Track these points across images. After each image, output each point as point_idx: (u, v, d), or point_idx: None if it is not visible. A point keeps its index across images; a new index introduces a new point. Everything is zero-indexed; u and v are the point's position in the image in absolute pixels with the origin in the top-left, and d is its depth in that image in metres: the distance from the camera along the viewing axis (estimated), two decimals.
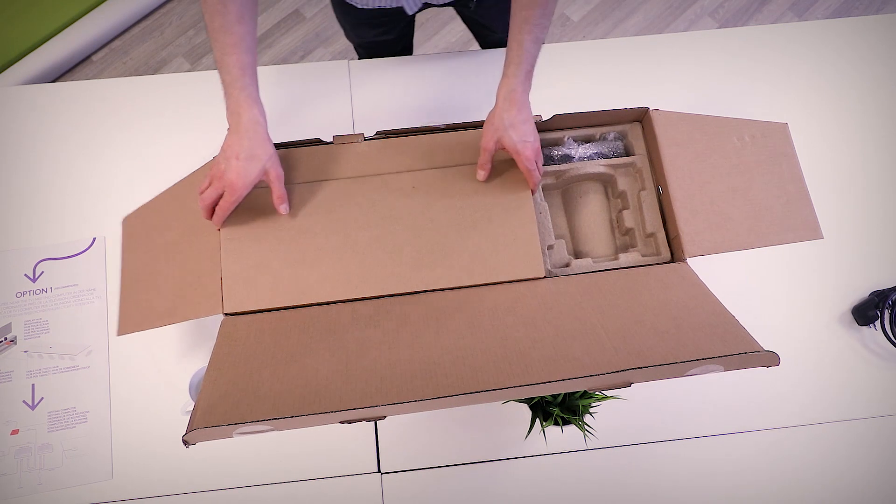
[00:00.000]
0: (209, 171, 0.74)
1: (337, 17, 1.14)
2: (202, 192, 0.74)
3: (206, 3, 0.69)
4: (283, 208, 0.76)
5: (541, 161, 0.79)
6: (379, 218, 0.78)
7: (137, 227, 0.86)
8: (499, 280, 0.76)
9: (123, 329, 0.80)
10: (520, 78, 0.74)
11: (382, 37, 1.13)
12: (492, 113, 0.77)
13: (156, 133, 1.02)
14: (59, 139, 1.01)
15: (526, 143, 0.75)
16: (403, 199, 0.79)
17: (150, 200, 0.86)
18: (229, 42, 0.69)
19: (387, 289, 0.75)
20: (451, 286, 0.76)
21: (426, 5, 1.00)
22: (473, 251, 0.77)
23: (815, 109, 1.06)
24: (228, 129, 0.72)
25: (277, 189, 0.75)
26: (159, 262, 0.80)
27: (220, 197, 0.73)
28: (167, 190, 0.85)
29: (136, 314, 0.79)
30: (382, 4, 0.94)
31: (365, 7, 0.96)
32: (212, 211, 0.75)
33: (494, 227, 0.78)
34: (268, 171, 0.73)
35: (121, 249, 0.85)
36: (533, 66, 0.75)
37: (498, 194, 0.80)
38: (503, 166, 0.81)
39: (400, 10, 0.99)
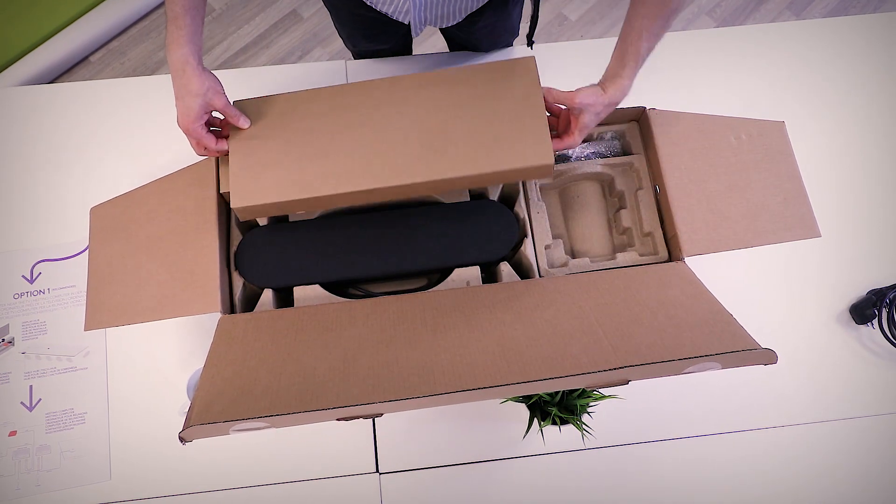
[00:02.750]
0: None
1: (333, 23, 1.14)
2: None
3: None
4: (241, 122, 0.76)
5: (581, 135, 0.78)
6: (384, 114, 0.77)
7: (111, 218, 0.82)
8: (507, 168, 0.74)
9: (91, 324, 0.76)
10: (631, 80, 0.76)
11: (378, 46, 1.12)
12: (598, 91, 0.76)
13: (154, 133, 1.02)
14: (56, 140, 1.01)
15: (588, 128, 0.76)
16: (411, 93, 0.78)
17: (129, 192, 0.83)
18: None
19: (392, 179, 0.74)
20: (458, 175, 0.74)
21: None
22: (480, 139, 0.75)
23: (812, 108, 1.06)
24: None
25: (229, 112, 0.75)
26: (139, 257, 0.78)
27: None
28: (151, 183, 0.83)
29: (109, 309, 0.77)
30: (387, 11, 0.94)
31: (374, 6, 0.95)
32: (212, 152, 0.77)
33: (502, 116, 0.76)
34: (211, 103, 0.73)
35: (89, 240, 0.81)
36: (639, 68, 0.77)
37: (506, 87, 0.78)
38: (509, 66, 0.79)
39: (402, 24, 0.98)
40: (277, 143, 0.76)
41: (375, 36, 1.07)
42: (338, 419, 0.57)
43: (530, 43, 1.00)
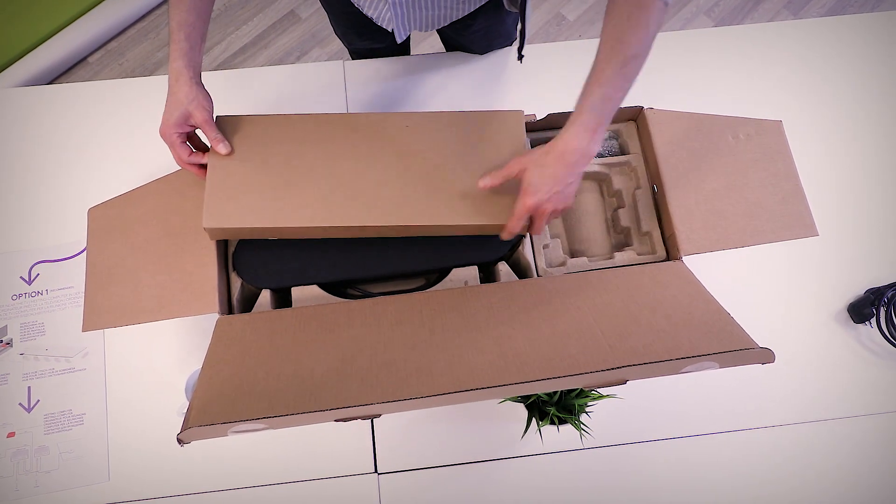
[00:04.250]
0: None
1: (329, 21, 1.14)
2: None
3: None
4: (221, 147, 0.75)
5: (542, 221, 0.72)
6: (370, 150, 0.78)
7: (109, 219, 0.83)
8: (485, 222, 0.75)
9: (89, 325, 0.76)
10: (576, 128, 0.67)
11: (373, 45, 1.12)
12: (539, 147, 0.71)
13: (153, 134, 1.00)
14: (54, 141, 1.01)
15: (539, 191, 0.68)
16: (397, 135, 0.79)
17: (127, 193, 0.84)
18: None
19: (368, 219, 0.74)
20: (434, 224, 0.75)
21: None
22: (463, 189, 0.75)
23: (809, 107, 1.06)
24: None
25: (208, 132, 0.74)
26: (137, 258, 0.79)
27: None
28: (149, 184, 0.83)
29: (107, 310, 0.77)
30: (372, 16, 0.94)
31: (360, 8, 0.96)
32: (197, 170, 0.77)
33: (483, 168, 0.75)
34: (191, 114, 0.73)
35: (87, 241, 0.81)
36: (600, 121, 0.66)
37: (492, 139, 0.78)
38: (499, 117, 0.78)
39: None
40: (255, 167, 0.76)
41: (368, 35, 1.07)
42: (336, 420, 0.57)
43: (520, 57, 0.99)
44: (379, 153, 0.77)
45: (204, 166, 0.77)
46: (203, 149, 0.78)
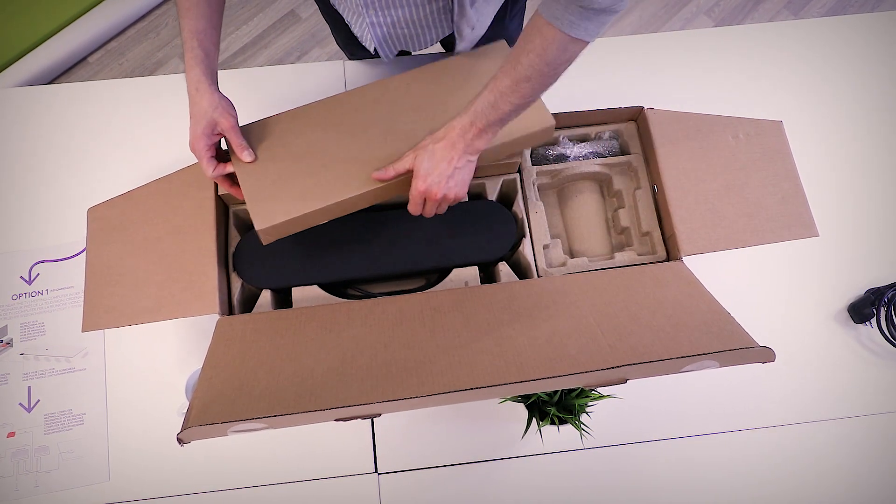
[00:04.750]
0: None
1: (331, 33, 1.13)
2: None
3: None
4: (245, 155, 0.74)
5: (432, 206, 0.73)
6: (384, 113, 0.78)
7: (109, 219, 0.82)
8: (514, 137, 0.75)
9: (89, 325, 0.76)
10: (464, 119, 0.69)
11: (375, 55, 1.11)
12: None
13: (153, 134, 1.02)
14: (54, 141, 1.01)
15: (429, 175, 0.70)
16: (403, 94, 0.79)
17: (127, 193, 0.83)
18: (184, 6, 0.71)
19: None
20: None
21: (403, 52, 0.99)
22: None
23: (810, 107, 1.06)
24: None
25: (233, 139, 0.73)
26: (137, 258, 0.79)
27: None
28: (149, 184, 0.83)
29: (107, 310, 0.77)
30: (357, 34, 0.93)
31: (349, 26, 0.95)
32: (224, 181, 0.76)
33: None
34: (217, 122, 0.71)
35: (87, 241, 0.81)
36: (486, 123, 0.68)
37: (486, 70, 0.79)
38: (483, 52, 0.82)
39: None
40: (285, 162, 0.76)
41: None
42: (336, 420, 0.57)
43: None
44: (393, 112, 0.78)
45: (231, 177, 0.76)
46: (225, 158, 0.77)
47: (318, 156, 0.76)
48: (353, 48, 1.08)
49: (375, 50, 0.94)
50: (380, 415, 0.58)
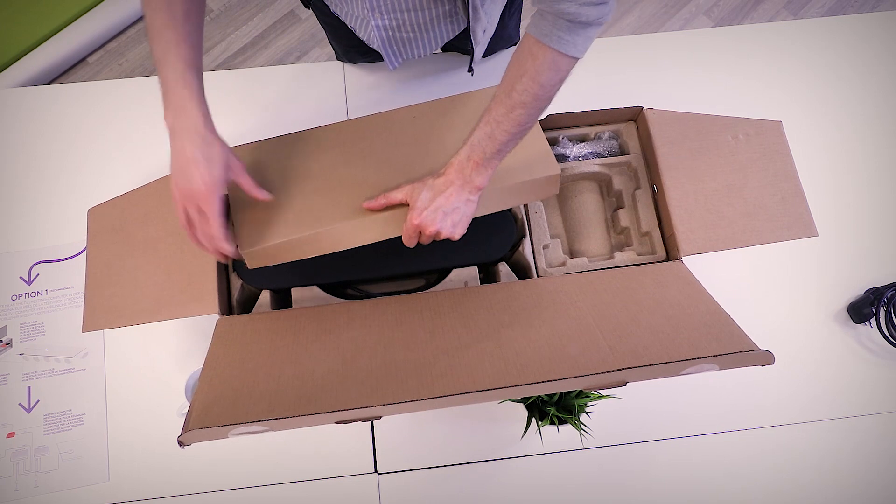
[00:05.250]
0: (173, 198, 0.65)
1: (329, 41, 1.13)
2: (184, 227, 0.66)
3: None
4: (262, 195, 0.69)
5: (426, 239, 0.71)
6: (385, 144, 0.77)
7: (109, 219, 0.82)
8: (513, 182, 0.73)
9: (89, 325, 0.75)
10: (461, 154, 0.68)
11: (374, 62, 1.11)
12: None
13: (152, 135, 1.02)
14: (54, 142, 1.01)
15: (424, 210, 0.68)
16: (405, 127, 0.78)
17: (127, 193, 0.83)
18: (172, 38, 0.64)
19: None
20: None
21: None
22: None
23: (809, 107, 1.06)
24: (171, 134, 0.64)
25: (246, 181, 0.68)
26: (137, 258, 0.78)
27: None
28: (149, 184, 0.83)
29: (107, 310, 0.76)
30: (362, 38, 0.92)
31: (354, 32, 0.94)
32: (226, 244, 0.66)
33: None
34: (231, 166, 0.66)
35: (87, 241, 0.81)
36: (484, 156, 0.66)
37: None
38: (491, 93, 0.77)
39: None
40: (278, 189, 0.73)
41: (370, 52, 1.02)
42: (336, 422, 0.57)
43: (470, 69, 0.97)
44: (396, 146, 0.77)
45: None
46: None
47: (313, 182, 0.75)
48: (352, 55, 1.07)
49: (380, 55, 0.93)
50: (380, 417, 0.58)
